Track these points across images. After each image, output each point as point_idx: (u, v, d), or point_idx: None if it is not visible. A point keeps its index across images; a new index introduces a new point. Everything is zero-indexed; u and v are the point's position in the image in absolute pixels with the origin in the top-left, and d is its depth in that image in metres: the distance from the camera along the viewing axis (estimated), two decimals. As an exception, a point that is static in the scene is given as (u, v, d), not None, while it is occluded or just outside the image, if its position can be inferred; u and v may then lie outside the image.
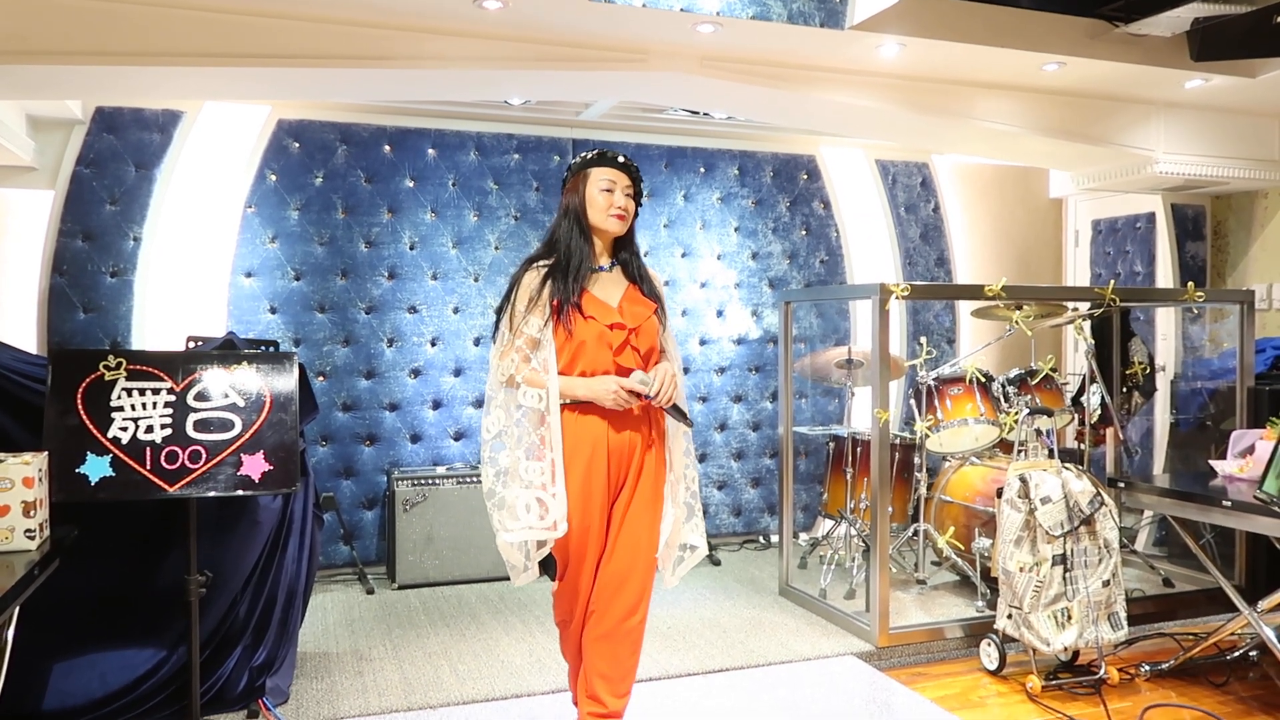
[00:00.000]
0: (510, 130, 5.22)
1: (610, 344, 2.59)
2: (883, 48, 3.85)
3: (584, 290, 2.61)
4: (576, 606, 2.66)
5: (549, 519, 2.57)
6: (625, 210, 2.65)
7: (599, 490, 2.59)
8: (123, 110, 4.49)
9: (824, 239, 5.87)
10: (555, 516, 2.56)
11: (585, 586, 2.63)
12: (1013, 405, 4.40)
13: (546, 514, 2.57)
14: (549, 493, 2.55)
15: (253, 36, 3.44)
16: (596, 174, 2.65)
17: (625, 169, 2.68)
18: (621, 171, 2.66)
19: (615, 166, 2.67)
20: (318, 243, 4.89)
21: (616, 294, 2.68)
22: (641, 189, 2.73)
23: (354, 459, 4.99)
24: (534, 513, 2.56)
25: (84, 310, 4.48)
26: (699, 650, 3.86)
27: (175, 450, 2.76)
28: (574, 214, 2.67)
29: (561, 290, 2.58)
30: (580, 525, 2.58)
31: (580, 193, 2.66)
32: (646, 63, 3.86)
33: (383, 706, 3.29)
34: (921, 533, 4.55)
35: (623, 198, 2.65)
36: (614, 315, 2.62)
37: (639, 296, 2.70)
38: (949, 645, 3.96)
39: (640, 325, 2.64)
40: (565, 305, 2.57)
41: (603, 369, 2.59)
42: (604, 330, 2.59)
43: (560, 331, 2.57)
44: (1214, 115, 4.93)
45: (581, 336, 2.57)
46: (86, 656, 3.00)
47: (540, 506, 2.57)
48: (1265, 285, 5.48)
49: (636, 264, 2.74)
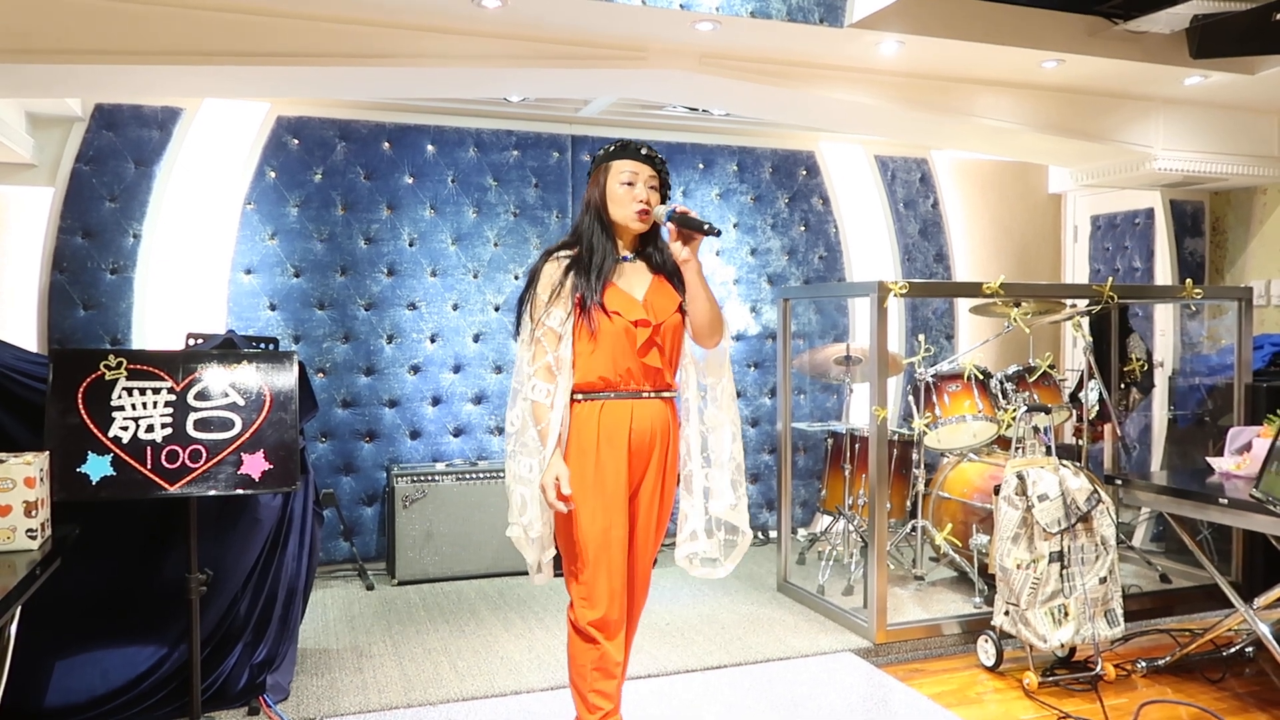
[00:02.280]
0: (509, 127, 5.22)
1: (635, 341, 2.52)
2: (882, 45, 3.85)
3: (608, 284, 2.53)
4: (614, 606, 2.51)
5: (526, 517, 2.56)
6: (648, 203, 2.55)
7: (617, 487, 2.51)
8: (122, 107, 4.50)
9: (823, 235, 5.88)
10: (531, 516, 2.54)
11: (620, 584, 2.52)
12: (1011, 402, 4.41)
13: (525, 511, 2.56)
14: (533, 491, 2.52)
15: (252, 35, 3.44)
16: (617, 167, 2.56)
17: (648, 160, 2.58)
18: (644, 163, 2.57)
19: (637, 158, 2.57)
20: (317, 239, 4.90)
21: (642, 286, 2.59)
22: (668, 180, 2.64)
23: (354, 455, 5.00)
24: (515, 508, 2.57)
25: (84, 307, 4.49)
26: (697, 647, 3.87)
27: (176, 449, 2.77)
28: (595, 209, 2.59)
29: (584, 286, 2.51)
30: (602, 525, 2.49)
31: (601, 186, 2.58)
32: (645, 60, 3.86)
33: (383, 703, 3.31)
34: (919, 529, 4.56)
35: (645, 190, 2.55)
36: (639, 311, 2.53)
37: (666, 288, 2.61)
38: (946, 641, 3.97)
39: (665, 321, 2.56)
40: (588, 302, 2.49)
41: (625, 369, 2.52)
42: (628, 327, 2.51)
43: (583, 329, 2.50)
44: (1213, 112, 4.93)
45: (605, 334, 2.49)
46: (88, 654, 3.01)
47: (521, 502, 2.56)
48: (1263, 281, 5.48)
49: (660, 257, 2.63)
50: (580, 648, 2.55)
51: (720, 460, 2.66)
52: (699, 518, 2.62)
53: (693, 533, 2.62)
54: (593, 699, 2.53)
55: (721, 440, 2.66)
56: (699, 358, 2.67)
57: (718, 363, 2.68)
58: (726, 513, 2.66)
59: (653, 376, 2.56)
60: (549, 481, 2.44)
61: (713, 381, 2.68)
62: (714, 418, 2.67)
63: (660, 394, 2.59)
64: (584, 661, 2.54)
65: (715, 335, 2.63)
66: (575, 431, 2.52)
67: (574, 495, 2.47)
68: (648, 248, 2.65)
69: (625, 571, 2.54)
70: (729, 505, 2.66)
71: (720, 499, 2.65)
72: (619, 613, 2.53)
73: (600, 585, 2.50)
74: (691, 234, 2.52)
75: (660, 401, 2.59)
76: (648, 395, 2.56)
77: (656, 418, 2.57)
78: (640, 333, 2.52)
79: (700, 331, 2.62)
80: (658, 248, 2.64)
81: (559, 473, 2.45)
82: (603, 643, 2.51)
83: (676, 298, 2.60)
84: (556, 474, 2.45)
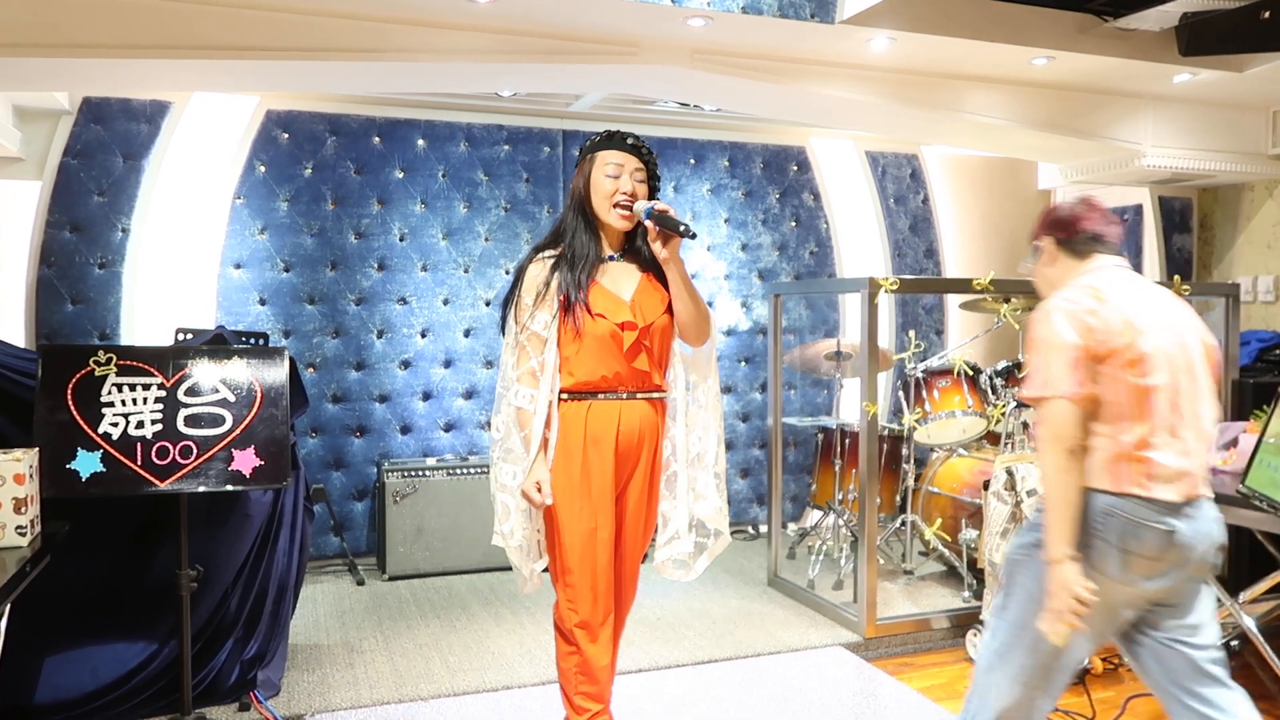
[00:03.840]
0: (500, 121, 5.21)
1: (622, 345, 2.46)
2: (873, 42, 3.86)
3: (593, 282, 2.47)
4: (599, 608, 2.48)
5: (507, 525, 2.53)
6: (632, 196, 2.48)
7: (603, 488, 2.47)
8: (110, 101, 4.47)
9: (814, 230, 5.89)
10: (512, 524, 2.52)
11: (606, 585, 2.49)
12: (1000, 397, 4.43)
13: (507, 519, 2.53)
14: (515, 498, 2.49)
15: (242, 29, 3.42)
16: (603, 157, 2.49)
17: (634, 151, 2.50)
18: (630, 154, 2.49)
19: (623, 148, 2.49)
20: (307, 234, 4.88)
21: (630, 286, 2.53)
22: (656, 172, 2.57)
23: (344, 450, 4.99)
24: (498, 516, 2.54)
25: (72, 302, 4.46)
26: (688, 641, 3.89)
27: (166, 446, 2.76)
28: (579, 201, 2.52)
29: (568, 286, 2.45)
30: (588, 526, 2.45)
31: (585, 176, 2.51)
32: (637, 56, 3.86)
33: (374, 698, 3.31)
34: (909, 524, 4.59)
35: (630, 182, 2.47)
36: (625, 312, 2.47)
37: (655, 287, 2.55)
38: (935, 636, 4.00)
39: (654, 322, 2.51)
40: (572, 303, 2.43)
41: (613, 372, 2.47)
42: (614, 330, 2.45)
43: (568, 330, 2.45)
44: (1202, 109, 4.96)
45: (591, 336, 2.44)
46: (79, 650, 3.01)
47: (503, 510, 2.53)
48: (1250, 278, 5.52)
49: (649, 253, 2.55)
50: (563, 651, 2.54)
51: (706, 462, 2.63)
52: (682, 520, 2.58)
53: (674, 535, 2.59)
54: (579, 701, 2.52)
55: (706, 442, 2.63)
56: (687, 355, 2.64)
57: (703, 361, 2.64)
58: (713, 516, 2.63)
59: (640, 378, 2.52)
60: (529, 487, 2.42)
61: (696, 380, 2.64)
62: (696, 418, 2.63)
63: (649, 394, 2.55)
64: (567, 666, 2.53)
65: (701, 335, 2.60)
66: (562, 432, 2.48)
67: (560, 496, 2.45)
68: (635, 244, 2.59)
69: (611, 572, 2.52)
70: (715, 508, 2.63)
71: (706, 501, 2.62)
72: (604, 614, 2.51)
73: (585, 586, 2.47)
74: (670, 235, 2.46)
75: (648, 402, 2.55)
76: (635, 396, 2.52)
77: (645, 418, 2.53)
78: (627, 336, 2.47)
79: (685, 331, 2.58)
80: (646, 243, 2.56)
81: (540, 478, 2.43)
82: (585, 646, 2.49)
83: (665, 297, 2.55)
84: (537, 479, 2.42)
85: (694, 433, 2.62)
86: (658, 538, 2.62)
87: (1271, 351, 5.00)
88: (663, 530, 2.61)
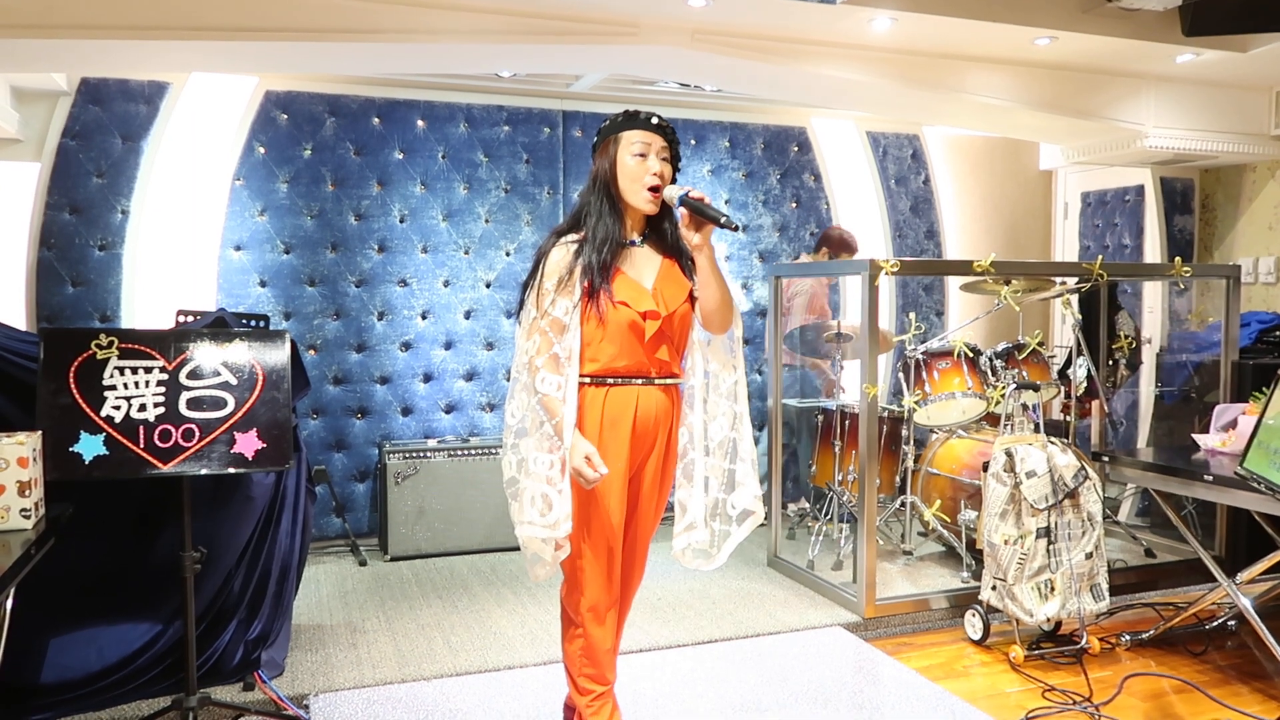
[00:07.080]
0: (500, 102, 5.19)
1: (643, 334, 2.44)
2: (875, 21, 3.84)
3: (616, 270, 2.44)
4: (608, 590, 2.51)
5: (551, 516, 2.44)
6: (660, 176, 2.44)
7: (617, 472, 2.46)
8: (108, 81, 4.45)
9: (814, 211, 5.87)
10: (558, 515, 2.42)
11: (616, 569, 2.51)
12: (1000, 379, 4.44)
13: (550, 511, 2.44)
14: (555, 488, 2.40)
15: (240, 9, 3.41)
16: (628, 137, 2.44)
17: (660, 130, 2.46)
18: (656, 133, 2.45)
19: (648, 128, 2.45)
20: (307, 216, 4.87)
21: (651, 272, 2.49)
22: (678, 151, 2.53)
23: (345, 432, 5.01)
24: (537, 508, 2.44)
25: (73, 284, 4.46)
26: (688, 621, 3.91)
27: (169, 428, 2.77)
28: (603, 184, 2.47)
29: (591, 272, 2.41)
30: (601, 509, 2.46)
31: (611, 157, 2.46)
32: (638, 36, 3.84)
33: (377, 678, 3.34)
34: (908, 505, 4.61)
35: (657, 162, 2.44)
36: (648, 301, 2.45)
37: (676, 274, 2.52)
38: (934, 616, 4.02)
39: (675, 310, 2.48)
40: (595, 290, 2.40)
41: (633, 359, 2.46)
42: (635, 320, 2.43)
43: (590, 317, 2.42)
44: (1204, 89, 4.94)
45: (612, 324, 2.42)
46: (83, 631, 3.02)
47: (544, 502, 2.44)
48: (1251, 259, 5.51)
49: (674, 236, 2.52)
50: (569, 634, 2.57)
51: (742, 453, 2.60)
52: (698, 508, 2.57)
53: (691, 523, 2.57)
54: (582, 683, 2.56)
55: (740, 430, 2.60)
56: (704, 341, 2.60)
57: (723, 349, 2.61)
58: (753, 502, 2.61)
59: (659, 365, 2.51)
60: (579, 462, 2.37)
61: (716, 368, 2.61)
62: (718, 407, 2.60)
63: (666, 381, 2.54)
64: (572, 649, 2.56)
65: (725, 324, 2.57)
66: (580, 417, 2.45)
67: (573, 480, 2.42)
68: (658, 228, 2.55)
69: (620, 555, 2.54)
70: (754, 495, 2.61)
71: (745, 489, 2.60)
72: (611, 597, 2.53)
73: (596, 570, 2.49)
74: (704, 221, 2.42)
75: (665, 389, 2.54)
76: (653, 382, 2.51)
77: (661, 404, 2.53)
78: (650, 325, 2.45)
79: (709, 319, 2.55)
80: (672, 224, 2.53)
81: (586, 450, 2.38)
82: (591, 629, 2.51)
83: (687, 284, 2.53)
84: (585, 452, 2.38)
85: (716, 421, 2.60)
86: (674, 526, 2.60)
87: (1271, 333, 5.00)
88: (680, 519, 2.59)
